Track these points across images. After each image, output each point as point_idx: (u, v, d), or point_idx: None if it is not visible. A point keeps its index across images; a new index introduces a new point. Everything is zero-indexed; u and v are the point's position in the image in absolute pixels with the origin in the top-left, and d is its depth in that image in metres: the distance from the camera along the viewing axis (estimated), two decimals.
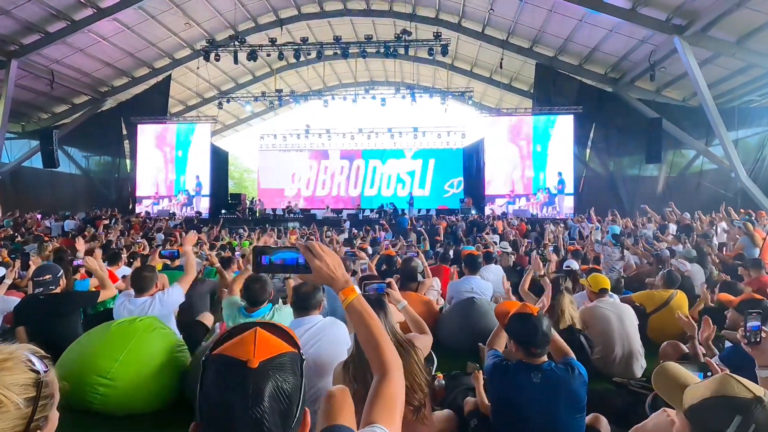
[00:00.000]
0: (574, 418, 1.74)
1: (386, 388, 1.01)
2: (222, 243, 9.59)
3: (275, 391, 0.72)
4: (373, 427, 0.91)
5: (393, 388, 1.01)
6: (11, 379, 0.72)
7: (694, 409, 1.08)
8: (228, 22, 15.84)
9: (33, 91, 15.86)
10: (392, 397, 1.00)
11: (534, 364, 1.81)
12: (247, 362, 0.72)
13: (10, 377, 0.72)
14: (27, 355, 0.77)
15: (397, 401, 1.00)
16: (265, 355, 0.74)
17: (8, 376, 0.72)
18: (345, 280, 1.12)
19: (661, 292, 3.98)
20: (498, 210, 15.67)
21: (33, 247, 6.48)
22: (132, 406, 2.57)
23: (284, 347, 0.78)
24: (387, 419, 0.94)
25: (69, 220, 13.84)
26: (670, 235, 7.85)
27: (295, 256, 1.12)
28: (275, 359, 0.75)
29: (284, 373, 0.74)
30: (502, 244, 7.19)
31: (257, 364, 0.72)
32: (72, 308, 3.24)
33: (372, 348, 1.08)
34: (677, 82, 14.05)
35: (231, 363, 0.73)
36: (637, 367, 3.12)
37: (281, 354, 0.76)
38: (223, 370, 0.74)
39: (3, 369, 0.72)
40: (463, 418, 2.19)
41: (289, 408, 0.74)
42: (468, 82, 19.66)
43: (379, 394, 1.00)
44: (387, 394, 1.00)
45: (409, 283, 4.13)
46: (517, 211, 15.78)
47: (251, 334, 0.78)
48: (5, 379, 0.72)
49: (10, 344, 0.77)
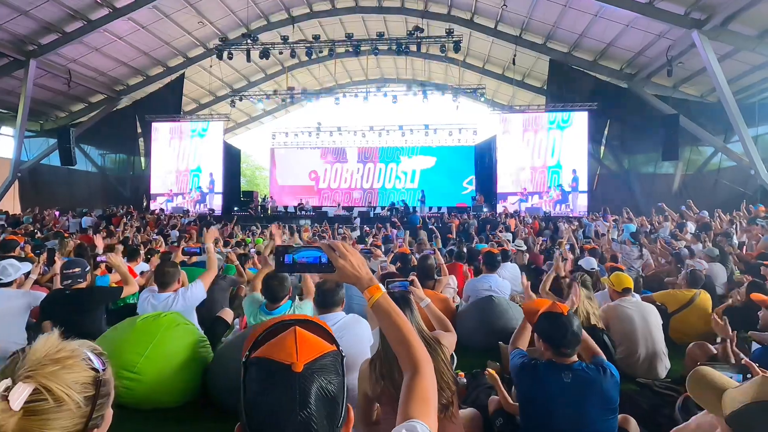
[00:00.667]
0: (607, 419, 1.72)
1: (419, 384, 1.00)
2: (236, 240, 9.69)
3: (321, 392, 0.72)
4: (412, 422, 0.91)
5: (426, 384, 1.01)
6: (73, 378, 0.72)
7: (737, 415, 1.05)
8: (241, 20, 15.93)
9: (51, 90, 16.16)
10: (426, 392, 0.99)
11: (564, 363, 1.79)
12: (291, 366, 0.71)
13: (71, 375, 0.72)
14: (87, 353, 0.77)
15: (431, 396, 1.00)
16: (308, 357, 0.74)
17: (69, 374, 0.72)
18: (369, 279, 1.11)
19: (684, 291, 3.91)
20: (510, 208, 15.55)
21: (54, 243, 6.61)
22: (157, 400, 2.61)
23: (325, 347, 0.78)
24: (424, 414, 0.94)
25: (86, 217, 14.08)
26: (688, 233, 7.71)
27: (317, 255, 1.11)
28: (318, 361, 0.75)
29: (328, 374, 0.75)
30: (517, 243, 7.12)
31: (301, 367, 0.72)
32: (96, 303, 3.30)
33: (401, 345, 1.07)
34: (695, 77, 13.76)
35: (275, 367, 0.73)
36: (661, 367, 3.07)
37: (323, 355, 0.76)
38: (267, 374, 0.73)
39: (65, 367, 0.72)
40: (487, 417, 2.18)
41: (334, 408, 0.74)
42: (480, 79, 19.50)
43: (413, 391, 0.99)
44: (421, 389, 0.99)
45: (426, 280, 4.11)
46: (529, 208, 15.63)
47: (291, 335, 0.77)
48: (67, 377, 0.72)
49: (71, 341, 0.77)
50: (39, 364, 0.70)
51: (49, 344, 0.74)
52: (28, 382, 0.68)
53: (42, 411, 0.69)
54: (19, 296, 3.32)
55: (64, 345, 0.75)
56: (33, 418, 0.68)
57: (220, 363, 2.78)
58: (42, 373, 0.70)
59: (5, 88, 15.14)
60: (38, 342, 0.74)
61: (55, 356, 0.72)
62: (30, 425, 0.68)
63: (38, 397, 0.68)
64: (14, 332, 3.23)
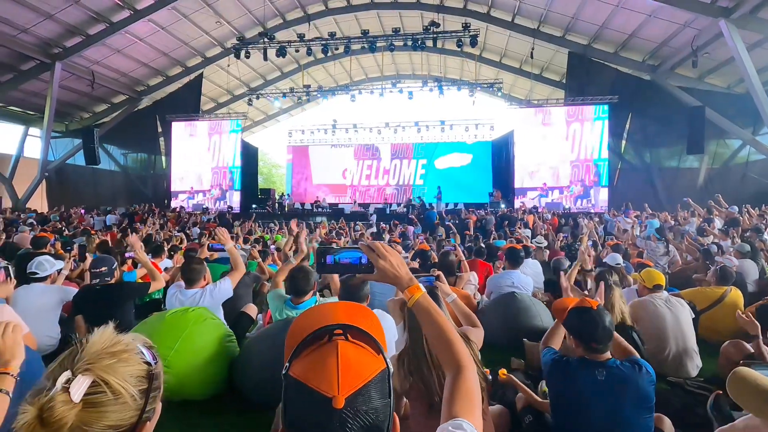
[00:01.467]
0: (642, 418, 1.67)
1: (463, 383, 0.99)
2: (255, 237, 9.81)
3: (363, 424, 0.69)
4: (458, 420, 0.90)
5: (470, 383, 0.99)
6: (128, 371, 0.74)
7: None
8: (257, 19, 16.07)
9: (75, 92, 16.62)
10: (470, 391, 0.98)
11: (597, 360, 1.75)
12: (331, 400, 0.68)
13: (127, 368, 0.74)
14: (140, 347, 0.78)
15: (475, 395, 0.98)
16: (351, 388, 0.70)
17: (125, 368, 0.74)
18: (409, 278, 1.11)
19: (714, 288, 3.80)
20: (529, 203, 15.34)
21: (81, 240, 6.80)
22: (186, 393, 2.66)
23: (370, 369, 0.74)
24: (468, 413, 0.92)
25: (110, 215, 14.47)
26: (716, 229, 7.48)
27: (358, 255, 1.12)
28: (361, 391, 0.70)
29: (372, 403, 0.71)
30: (538, 239, 7.01)
31: (342, 402, 0.68)
32: (126, 298, 3.38)
33: (443, 345, 1.06)
34: (722, 68, 13.31)
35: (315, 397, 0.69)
36: (692, 366, 2.99)
37: (367, 384, 0.72)
38: (306, 402, 0.70)
39: (120, 360, 0.74)
40: (515, 413, 2.16)
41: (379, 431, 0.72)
42: (497, 74, 19.28)
43: (458, 390, 0.98)
44: (465, 388, 0.98)
45: (447, 277, 4.09)
46: (550, 204, 15.39)
47: (333, 357, 0.73)
48: (123, 371, 0.73)
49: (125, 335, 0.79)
50: (97, 357, 0.72)
51: (105, 337, 0.75)
52: (86, 375, 0.70)
53: (100, 403, 0.70)
54: (53, 291, 3.44)
55: (119, 338, 0.77)
56: (92, 410, 0.69)
57: (245, 357, 2.82)
58: (100, 366, 0.71)
59: (33, 91, 15.64)
60: (95, 335, 0.75)
61: (111, 350, 0.74)
62: (89, 417, 0.69)
63: (97, 389, 0.70)
64: (48, 326, 3.35)
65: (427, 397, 1.69)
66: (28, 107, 17.10)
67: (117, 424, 0.72)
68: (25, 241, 6.27)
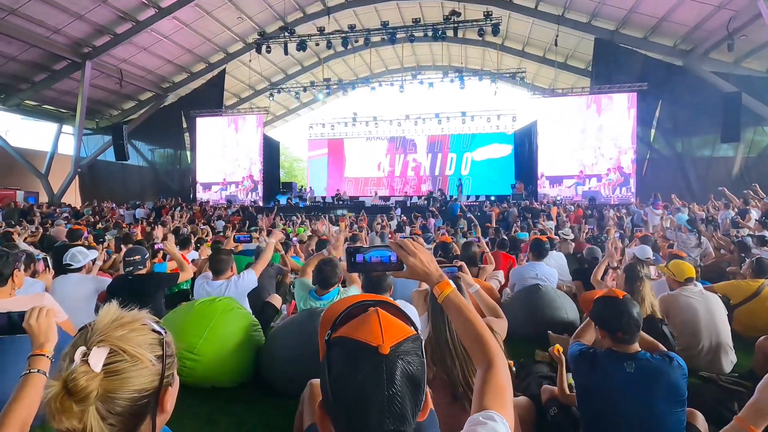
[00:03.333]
0: (674, 412, 1.62)
1: (494, 377, 0.99)
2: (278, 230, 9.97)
3: (406, 374, 0.73)
4: (489, 412, 0.90)
5: (500, 377, 0.99)
6: (141, 339, 0.77)
7: None
8: (277, 13, 16.18)
9: (104, 90, 17.18)
10: (501, 385, 0.98)
11: (627, 353, 1.71)
12: (378, 348, 0.72)
13: (140, 337, 0.77)
14: (147, 319, 0.82)
15: (507, 390, 0.98)
16: (393, 339, 0.74)
17: (138, 336, 0.77)
18: (439, 275, 1.14)
19: (750, 282, 3.64)
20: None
21: (113, 232, 7.06)
22: (215, 379, 2.75)
23: (408, 330, 0.79)
24: (500, 406, 0.92)
25: (139, 209, 14.97)
26: (752, 220, 7.15)
27: (387, 254, 1.16)
28: (403, 344, 0.75)
29: (412, 356, 0.75)
30: (564, 231, 6.88)
31: (388, 349, 0.72)
32: (157, 288, 3.50)
33: (473, 339, 1.07)
34: (760, 50, 12.61)
35: (362, 348, 0.74)
36: (726, 361, 2.88)
37: (407, 338, 0.76)
38: (353, 354, 0.74)
39: (132, 330, 0.77)
40: (540, 405, 2.14)
41: (418, 389, 0.75)
42: (519, 63, 18.85)
43: (489, 383, 0.98)
44: (496, 382, 0.98)
45: (470, 268, 4.06)
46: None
47: (375, 316, 0.78)
48: (137, 339, 0.77)
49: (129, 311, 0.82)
50: (109, 329, 0.75)
51: (112, 312, 0.79)
52: (102, 346, 0.73)
53: (122, 370, 0.73)
54: (89, 281, 3.58)
55: (125, 312, 0.80)
56: (114, 378, 0.73)
57: (270, 347, 2.88)
58: (114, 336, 0.75)
59: (65, 90, 16.25)
60: (101, 312, 0.79)
61: (120, 321, 0.77)
62: (113, 385, 0.72)
63: (115, 358, 0.73)
64: (85, 314, 3.49)
65: (451, 386, 1.70)
66: (61, 105, 17.79)
67: (142, 388, 0.75)
68: (61, 234, 6.56)
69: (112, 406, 0.72)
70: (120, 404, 0.73)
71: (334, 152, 22.32)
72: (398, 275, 1.18)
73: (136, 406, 0.75)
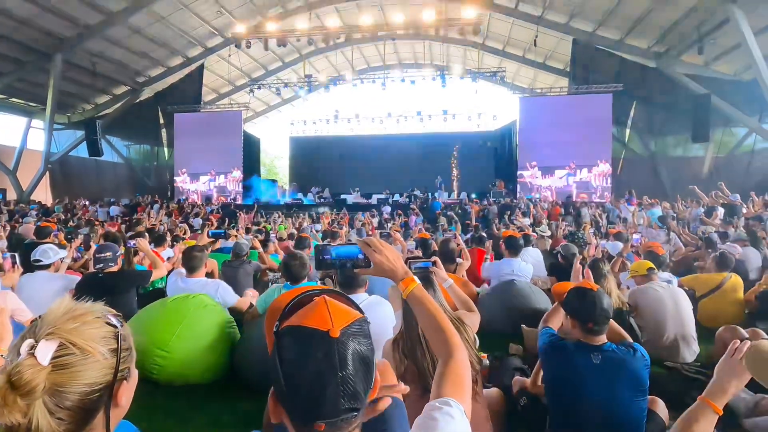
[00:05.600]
0: (636, 401, 1.70)
1: (453, 367, 1.04)
2: (256, 228, 9.86)
3: (357, 354, 0.75)
4: (446, 398, 0.94)
5: (459, 368, 1.04)
6: (94, 332, 0.75)
7: None
8: (258, 8, 15.93)
9: (77, 83, 16.60)
10: (460, 375, 1.03)
11: (593, 344, 1.77)
12: (328, 332, 0.74)
13: (92, 330, 0.75)
14: (102, 312, 0.80)
15: (465, 379, 1.03)
16: (342, 323, 0.76)
17: (90, 329, 0.75)
18: (404, 272, 1.17)
19: (713, 275, 3.80)
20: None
21: (85, 230, 6.86)
22: (187, 377, 2.71)
23: (354, 313, 0.80)
24: (458, 395, 0.97)
25: (113, 206, 14.56)
26: (717, 218, 7.44)
27: (355, 251, 1.17)
28: (351, 326, 0.77)
29: (361, 338, 0.77)
30: (542, 228, 7.02)
31: (338, 332, 0.74)
32: (128, 286, 3.42)
33: (435, 332, 1.12)
34: (728, 54, 13.09)
35: (311, 333, 0.75)
36: (689, 351, 3.00)
37: (355, 321, 0.78)
38: (303, 340, 0.75)
39: (85, 323, 0.75)
40: (511, 396, 2.19)
41: (369, 369, 0.77)
42: (500, 62, 19.07)
43: (448, 373, 1.03)
44: (455, 372, 1.03)
45: (447, 264, 4.11)
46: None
47: (322, 304, 0.79)
48: (89, 332, 0.74)
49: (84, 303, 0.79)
50: (59, 322, 0.73)
51: (64, 305, 0.76)
52: (51, 339, 0.71)
53: (70, 364, 0.71)
54: (57, 279, 3.48)
55: (78, 305, 0.78)
56: (63, 372, 0.70)
57: (246, 343, 2.86)
58: (64, 330, 0.72)
59: (35, 82, 15.64)
60: (53, 305, 0.76)
61: (72, 314, 0.75)
62: (61, 379, 0.70)
63: (65, 351, 0.71)
64: None
65: (421, 380, 1.73)
66: (30, 99, 17.12)
67: (93, 382, 0.73)
68: (30, 232, 6.33)
69: (61, 400, 0.70)
70: (70, 398, 0.71)
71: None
72: (365, 272, 1.20)
73: (87, 400, 0.73)
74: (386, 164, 21.02)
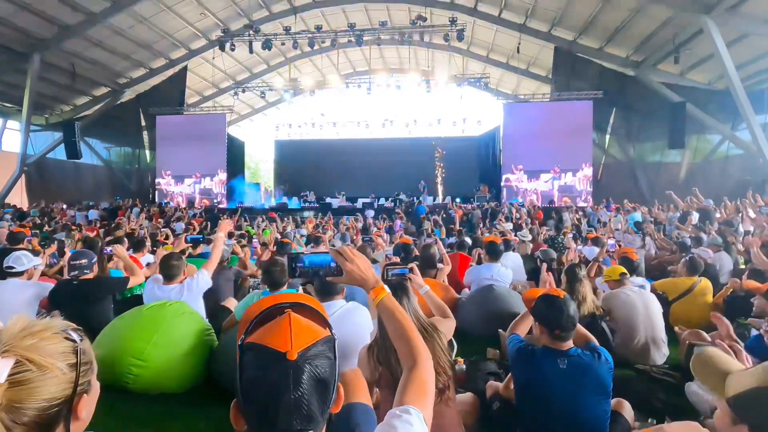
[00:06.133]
0: (600, 403, 1.76)
1: (417, 375, 1.07)
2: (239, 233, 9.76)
3: (313, 377, 0.77)
4: (407, 407, 0.96)
5: (424, 375, 1.07)
6: (52, 348, 0.76)
7: (740, 399, 1.04)
8: (242, 10, 15.84)
9: (55, 84, 16.21)
10: (423, 383, 1.06)
11: (560, 350, 1.82)
12: (285, 354, 0.75)
13: (50, 346, 0.76)
14: (61, 327, 0.80)
15: (428, 387, 1.06)
16: (302, 345, 0.77)
17: (48, 345, 0.75)
18: (375, 281, 1.20)
19: (684, 279, 3.92)
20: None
21: (61, 235, 6.71)
22: (163, 386, 2.68)
23: (318, 333, 0.82)
24: (419, 403, 0.99)
25: (92, 210, 14.23)
26: (692, 223, 7.66)
27: (327, 260, 1.19)
28: (311, 348, 0.78)
29: (320, 360, 0.79)
30: (522, 233, 7.13)
31: (295, 355, 0.75)
32: (104, 293, 3.36)
33: (402, 340, 1.15)
34: (703, 64, 13.54)
35: (269, 353, 0.77)
36: (659, 354, 3.10)
37: (316, 342, 0.80)
38: (262, 360, 0.77)
39: (42, 339, 0.75)
40: (484, 401, 2.23)
41: (326, 391, 0.79)
42: (484, 68, 19.32)
43: (411, 381, 1.06)
44: (418, 380, 1.06)
45: (428, 269, 4.16)
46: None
47: (286, 321, 0.81)
48: (47, 348, 0.75)
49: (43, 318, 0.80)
50: (16, 339, 0.73)
51: (21, 322, 0.77)
52: (7, 356, 0.71)
53: (28, 380, 0.72)
54: (30, 287, 3.40)
55: (36, 321, 0.78)
56: (20, 388, 0.71)
57: (224, 350, 2.84)
58: (21, 346, 0.72)
59: (10, 83, 15.22)
60: (9, 322, 0.77)
61: (30, 330, 0.75)
62: (18, 395, 0.71)
63: (22, 368, 0.71)
64: None
65: (395, 386, 1.75)
66: (5, 99, 16.63)
67: (52, 397, 0.74)
68: (3, 237, 6.16)
69: (18, 416, 0.71)
70: (27, 414, 0.72)
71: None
72: (337, 280, 1.23)
73: (45, 415, 0.73)
74: (372, 168, 21.09)
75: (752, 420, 1.00)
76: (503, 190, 16.23)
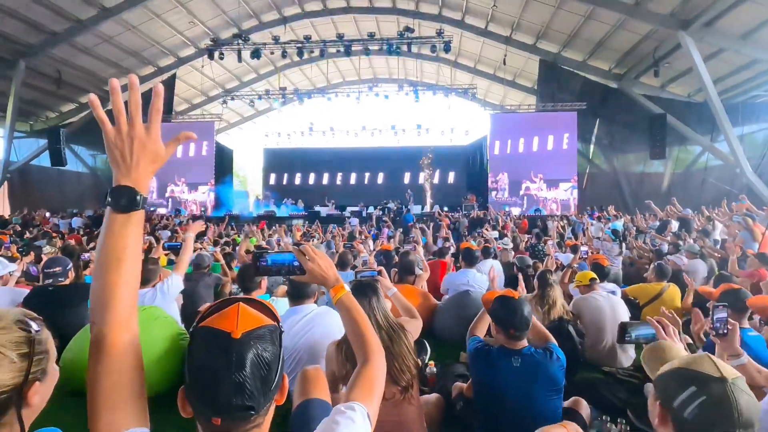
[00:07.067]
0: (551, 399, 1.83)
1: (367, 371, 1.12)
2: (226, 240, 9.73)
3: (256, 358, 0.80)
4: (352, 403, 1.00)
5: (373, 372, 1.12)
6: (4, 338, 0.80)
7: (660, 377, 1.09)
8: (232, 20, 15.95)
9: (40, 90, 16.08)
10: (372, 380, 1.10)
11: (514, 349, 1.89)
12: (230, 333, 0.80)
13: (3, 336, 0.80)
14: (19, 317, 0.84)
15: (376, 384, 1.10)
16: (247, 327, 0.82)
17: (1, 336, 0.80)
18: (335, 279, 1.25)
19: (654, 284, 4.03)
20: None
21: (42, 243, 6.64)
22: None
23: (264, 320, 0.86)
24: (366, 398, 1.04)
25: (76, 218, 14.07)
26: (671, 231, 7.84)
27: (290, 258, 1.24)
28: (256, 331, 0.83)
29: (264, 343, 0.82)
30: (504, 241, 7.25)
31: (239, 335, 0.80)
32: (79, 299, 3.34)
33: (357, 337, 1.20)
34: (682, 77, 13.96)
35: (216, 334, 0.81)
36: (625, 357, 3.19)
37: (261, 326, 0.84)
38: (208, 340, 0.82)
39: None
40: (450, 401, 2.28)
41: (268, 374, 0.82)
42: (471, 79, 19.64)
43: (360, 377, 1.10)
44: (367, 377, 1.10)
45: (407, 275, 4.22)
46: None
47: (235, 308, 0.86)
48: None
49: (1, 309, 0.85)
50: None
51: None
52: None
53: None
54: (3, 293, 3.38)
55: None
56: None
57: None
58: None
59: None
60: None
61: None
62: None
63: None
64: None
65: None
66: None
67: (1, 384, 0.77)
68: None
69: None
70: None
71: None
72: (299, 279, 1.27)
73: None
74: (361, 177, 21.21)
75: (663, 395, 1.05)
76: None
